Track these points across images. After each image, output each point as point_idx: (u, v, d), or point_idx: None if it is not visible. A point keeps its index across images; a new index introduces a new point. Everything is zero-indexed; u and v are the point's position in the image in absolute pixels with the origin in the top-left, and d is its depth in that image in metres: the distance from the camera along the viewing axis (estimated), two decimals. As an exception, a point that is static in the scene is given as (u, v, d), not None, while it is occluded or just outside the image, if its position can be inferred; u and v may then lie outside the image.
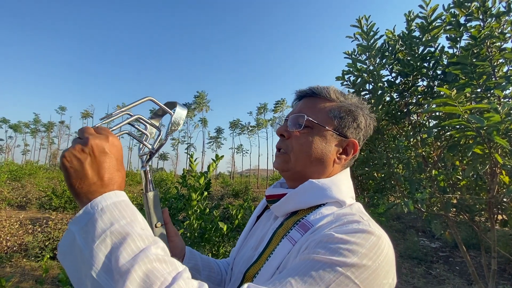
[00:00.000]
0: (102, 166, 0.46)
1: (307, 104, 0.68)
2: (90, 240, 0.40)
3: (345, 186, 0.64)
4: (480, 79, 1.77)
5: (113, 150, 0.48)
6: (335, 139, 0.65)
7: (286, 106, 45.12)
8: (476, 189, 2.14)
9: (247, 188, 15.61)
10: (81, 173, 0.44)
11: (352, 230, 0.50)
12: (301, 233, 0.56)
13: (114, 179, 0.47)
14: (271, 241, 0.60)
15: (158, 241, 0.45)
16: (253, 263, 0.60)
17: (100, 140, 0.46)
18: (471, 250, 5.48)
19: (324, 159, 0.64)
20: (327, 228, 0.53)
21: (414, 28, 2.20)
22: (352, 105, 0.67)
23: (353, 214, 0.57)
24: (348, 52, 2.52)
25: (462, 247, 2.20)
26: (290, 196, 0.63)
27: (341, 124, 0.65)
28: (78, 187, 0.44)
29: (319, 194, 0.61)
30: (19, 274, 4.02)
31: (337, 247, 0.47)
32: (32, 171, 19.49)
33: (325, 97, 0.67)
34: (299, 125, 0.65)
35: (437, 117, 1.99)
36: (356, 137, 0.67)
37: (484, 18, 1.87)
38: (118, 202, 0.45)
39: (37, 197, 10.30)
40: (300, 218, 0.60)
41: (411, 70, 2.14)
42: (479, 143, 1.53)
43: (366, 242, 0.48)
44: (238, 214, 2.45)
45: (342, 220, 0.54)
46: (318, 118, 0.65)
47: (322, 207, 0.60)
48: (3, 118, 51.88)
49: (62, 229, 5.14)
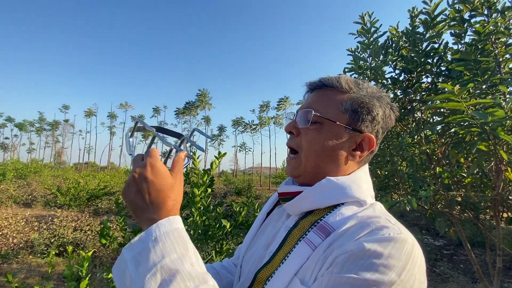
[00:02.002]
0: (148, 192, 0.47)
1: (317, 97, 0.63)
2: (142, 271, 0.42)
3: (365, 184, 0.60)
4: (484, 75, 1.75)
5: (155, 175, 0.48)
6: (347, 135, 0.59)
7: (290, 104, 44.97)
8: (481, 187, 2.12)
9: (250, 186, 15.64)
10: (134, 203, 0.48)
11: (383, 239, 0.45)
12: (321, 237, 0.52)
13: (165, 204, 0.48)
14: (285, 241, 0.56)
15: (208, 279, 0.45)
16: (265, 264, 0.56)
17: (140, 168, 0.49)
18: (475, 248, 5.44)
19: (335, 157, 0.59)
20: (353, 237, 0.48)
21: (418, 24, 2.18)
22: (366, 95, 0.60)
23: (378, 216, 0.52)
24: (351, 49, 2.50)
25: (466, 245, 2.19)
26: (306, 194, 0.58)
27: (354, 118, 0.59)
28: (135, 217, 0.48)
29: (338, 192, 0.56)
30: (26, 270, 4.08)
31: (371, 263, 0.42)
32: (38, 169, 19.73)
33: (336, 88, 0.61)
34: (307, 121, 0.60)
35: (441, 114, 1.97)
36: (372, 130, 0.61)
37: (489, 14, 1.85)
38: (171, 231, 0.46)
39: (42, 195, 10.43)
40: (317, 218, 0.55)
41: (415, 67, 2.12)
42: (484, 139, 1.51)
43: (401, 253, 0.43)
44: (242, 211, 2.46)
45: (370, 227, 0.48)
46: (328, 112, 0.60)
47: (341, 207, 0.55)
48: (8, 117, 52.39)
49: (67, 226, 5.20)
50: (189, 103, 47.62)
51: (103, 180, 12.56)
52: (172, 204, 0.49)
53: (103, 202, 9.84)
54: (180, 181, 0.52)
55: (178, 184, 0.51)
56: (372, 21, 2.28)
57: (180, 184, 0.52)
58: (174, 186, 0.50)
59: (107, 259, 4.50)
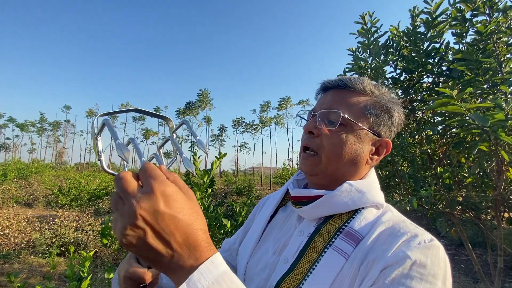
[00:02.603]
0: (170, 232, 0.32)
1: (339, 98, 0.60)
2: None
3: (378, 186, 0.61)
4: (485, 75, 1.75)
5: (173, 205, 0.33)
6: (369, 139, 0.59)
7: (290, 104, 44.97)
8: (482, 187, 2.12)
9: (250, 186, 15.65)
10: (153, 251, 0.33)
11: (423, 247, 0.46)
12: (351, 244, 0.51)
13: (197, 239, 0.34)
14: (306, 248, 0.54)
15: None
16: (286, 272, 0.53)
17: (148, 202, 0.31)
18: (477, 248, 5.43)
19: (357, 160, 0.59)
20: (390, 245, 0.47)
21: (419, 24, 2.17)
22: (388, 101, 0.61)
23: (403, 221, 0.53)
24: (352, 48, 2.50)
25: (468, 245, 2.18)
26: (327, 199, 0.56)
27: (376, 122, 0.59)
28: (157, 266, 0.34)
29: (360, 197, 0.56)
30: (27, 270, 4.09)
31: (420, 274, 0.43)
32: (39, 169, 19.79)
33: (358, 91, 0.60)
34: (330, 122, 0.58)
35: (442, 114, 1.96)
36: (389, 135, 0.62)
37: (491, 13, 1.84)
38: (220, 276, 0.33)
39: (43, 195, 10.45)
40: (341, 224, 0.54)
41: (416, 67, 2.11)
42: (484, 140, 1.51)
43: (439, 260, 0.45)
44: (242, 211, 2.46)
45: (405, 234, 0.49)
46: (353, 115, 0.58)
47: (362, 211, 0.55)
48: (10, 117, 52.68)
49: (69, 226, 5.21)
50: (189, 103, 47.69)
51: (104, 180, 12.61)
52: (205, 236, 0.35)
53: (104, 202, 9.87)
54: (194, 197, 0.38)
55: (195, 204, 0.37)
56: (372, 21, 2.28)
57: (195, 202, 0.37)
58: (194, 209, 0.36)
59: (108, 259, 4.51)
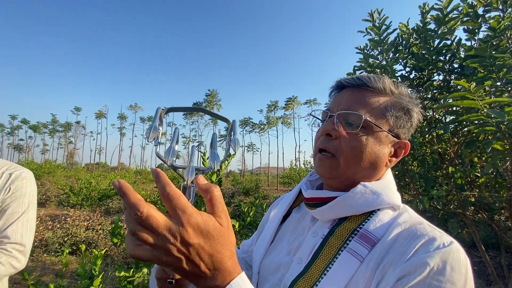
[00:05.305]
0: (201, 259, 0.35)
1: (357, 98, 0.57)
2: None
3: (394, 187, 0.59)
4: (500, 72, 1.70)
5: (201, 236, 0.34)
6: (389, 140, 0.57)
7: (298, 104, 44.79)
8: (495, 187, 2.06)
9: (257, 186, 15.64)
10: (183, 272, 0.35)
11: (443, 252, 0.44)
12: (366, 247, 0.49)
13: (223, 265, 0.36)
14: (321, 250, 0.53)
15: None
16: (300, 274, 0.53)
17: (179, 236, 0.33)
18: (490, 250, 5.30)
19: (377, 164, 0.57)
20: (407, 249, 0.46)
21: (429, 21, 2.13)
22: (409, 101, 0.59)
23: (420, 223, 0.51)
24: (360, 47, 2.47)
25: (480, 247, 2.13)
26: (341, 200, 0.55)
27: (397, 124, 0.57)
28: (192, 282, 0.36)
29: (375, 199, 0.54)
30: (40, 268, 4.19)
31: (438, 281, 0.41)
32: (51, 169, 20.25)
33: (378, 90, 0.58)
34: (349, 123, 0.56)
35: (454, 112, 1.92)
36: (407, 137, 0.59)
37: (504, 8, 1.79)
38: None
39: (55, 195, 10.69)
40: (356, 226, 0.53)
41: (426, 64, 2.07)
42: (499, 138, 1.47)
43: (460, 265, 0.43)
44: (250, 211, 2.46)
45: (422, 237, 0.47)
46: (373, 116, 0.56)
47: (378, 213, 0.54)
48: (23, 119, 54.07)
49: (80, 225, 5.32)
50: (197, 104, 48.04)
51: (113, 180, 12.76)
52: (232, 262, 0.37)
53: (114, 202, 10.02)
54: (229, 226, 0.38)
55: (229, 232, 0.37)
56: (381, 19, 2.25)
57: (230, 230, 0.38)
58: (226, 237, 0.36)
59: (118, 257, 4.58)
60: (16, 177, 1.09)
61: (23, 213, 1.08)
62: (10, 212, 1.06)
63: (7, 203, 1.06)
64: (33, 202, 1.14)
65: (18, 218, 1.07)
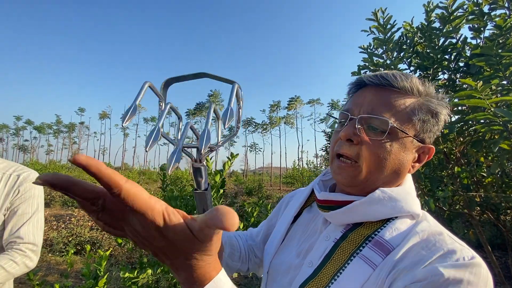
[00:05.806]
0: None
1: (382, 100, 0.52)
2: None
3: (415, 194, 0.55)
4: (506, 70, 1.68)
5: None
6: (414, 146, 0.53)
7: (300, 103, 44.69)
8: (502, 187, 2.04)
9: (260, 186, 15.62)
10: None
11: (460, 265, 0.41)
12: (380, 255, 0.47)
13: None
14: (332, 254, 0.51)
15: None
16: (309, 277, 0.51)
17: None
18: (496, 251, 5.24)
19: (400, 171, 0.53)
20: (422, 259, 0.43)
21: (434, 19, 2.11)
22: (438, 103, 0.53)
23: (440, 233, 0.47)
24: (363, 46, 2.45)
25: (487, 247, 2.11)
26: (357, 205, 0.52)
27: (423, 128, 0.52)
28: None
29: (393, 206, 0.51)
30: (45, 268, 4.22)
31: None
32: (56, 170, 20.41)
33: (404, 91, 0.52)
34: (373, 128, 0.52)
35: (460, 112, 1.90)
36: (431, 141, 0.55)
37: (510, 6, 1.77)
38: None
39: (60, 195, 10.77)
40: (370, 233, 0.50)
41: (431, 63, 2.05)
42: (506, 138, 1.45)
43: (479, 280, 0.40)
44: (254, 212, 2.46)
45: (440, 249, 0.44)
46: (399, 121, 0.51)
47: (395, 221, 0.50)
48: (28, 120, 54.59)
49: (84, 225, 5.35)
50: (199, 104, 48.13)
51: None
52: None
53: (117, 202, 10.07)
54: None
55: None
56: (385, 18, 2.23)
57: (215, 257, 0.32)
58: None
59: (122, 258, 4.60)
60: (24, 179, 1.11)
61: (33, 214, 1.11)
62: (21, 213, 1.08)
63: (16, 204, 1.08)
64: (41, 203, 1.17)
65: (29, 219, 1.10)
